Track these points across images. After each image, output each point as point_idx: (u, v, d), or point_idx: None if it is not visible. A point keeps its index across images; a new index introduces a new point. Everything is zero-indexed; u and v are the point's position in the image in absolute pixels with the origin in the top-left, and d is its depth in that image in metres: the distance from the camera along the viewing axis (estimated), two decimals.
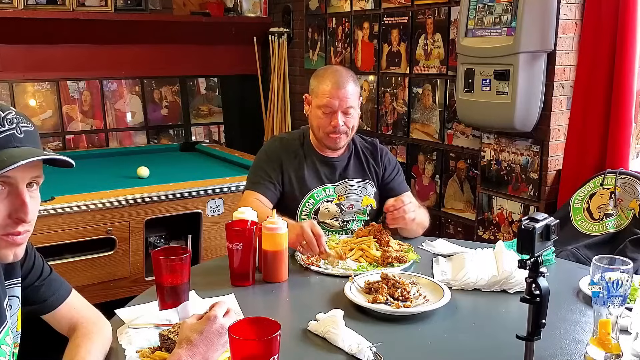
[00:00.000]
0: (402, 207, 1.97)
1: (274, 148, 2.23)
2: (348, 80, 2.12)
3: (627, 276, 1.25)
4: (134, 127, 4.77)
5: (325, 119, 2.12)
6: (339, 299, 1.58)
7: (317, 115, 2.14)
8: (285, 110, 4.86)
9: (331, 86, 2.10)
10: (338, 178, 2.21)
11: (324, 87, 2.11)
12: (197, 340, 1.16)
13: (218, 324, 1.18)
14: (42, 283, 1.32)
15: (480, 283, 1.67)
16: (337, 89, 2.09)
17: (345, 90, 2.10)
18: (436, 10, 3.53)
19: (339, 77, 2.12)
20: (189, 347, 1.15)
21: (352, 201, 2.21)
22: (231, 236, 1.69)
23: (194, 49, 4.90)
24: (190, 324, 1.19)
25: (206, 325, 1.18)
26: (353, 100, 2.13)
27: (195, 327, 1.18)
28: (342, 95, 2.09)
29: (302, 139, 2.25)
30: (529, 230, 1.15)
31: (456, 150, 3.52)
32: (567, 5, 2.86)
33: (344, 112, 2.11)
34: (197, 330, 1.17)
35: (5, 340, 1.18)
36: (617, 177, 2.65)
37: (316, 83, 2.16)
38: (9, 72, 4.27)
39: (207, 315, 1.20)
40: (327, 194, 2.19)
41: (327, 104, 2.10)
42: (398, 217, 1.98)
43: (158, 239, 3.17)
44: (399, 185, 2.28)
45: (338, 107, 2.10)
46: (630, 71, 2.66)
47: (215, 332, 1.18)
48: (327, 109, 2.11)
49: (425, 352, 1.37)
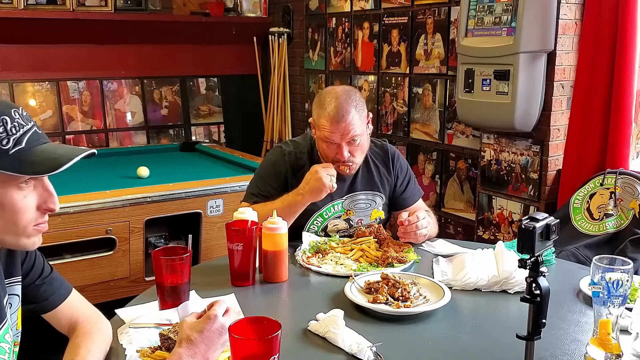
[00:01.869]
0: (415, 224, 1.97)
1: (280, 161, 2.11)
2: (348, 110, 1.95)
3: (627, 276, 1.25)
4: (134, 127, 4.77)
5: (329, 150, 2.01)
6: (339, 299, 1.58)
7: (322, 146, 2.04)
8: (285, 110, 4.86)
9: (330, 120, 1.95)
10: (346, 191, 2.13)
11: (323, 121, 1.97)
12: (197, 340, 1.16)
13: (218, 323, 1.18)
14: (42, 282, 1.32)
15: (480, 283, 1.67)
16: (337, 122, 1.94)
17: (345, 124, 1.94)
18: (436, 10, 3.53)
19: (339, 109, 1.95)
20: (190, 346, 1.15)
21: (361, 216, 2.16)
22: (231, 236, 1.69)
23: (194, 49, 4.91)
24: (190, 323, 1.19)
25: (206, 324, 1.18)
26: (357, 129, 1.97)
27: (196, 326, 1.18)
28: (343, 129, 1.95)
29: (311, 149, 2.13)
30: (529, 229, 1.15)
31: (456, 150, 3.52)
32: (567, 5, 2.86)
33: (348, 143, 1.99)
34: (197, 329, 1.17)
35: (4, 338, 1.18)
36: (617, 177, 2.65)
37: (316, 114, 2.02)
38: (9, 72, 4.27)
39: (207, 314, 1.20)
40: (336, 210, 2.12)
41: (328, 138, 1.98)
42: (410, 232, 1.98)
43: (158, 239, 3.17)
44: (410, 196, 2.22)
45: (340, 140, 1.97)
46: (630, 71, 2.66)
47: (215, 331, 1.18)
48: (330, 142, 1.99)
49: (425, 352, 1.37)
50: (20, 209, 1.07)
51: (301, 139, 2.21)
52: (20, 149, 1.05)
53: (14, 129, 1.05)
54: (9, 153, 1.04)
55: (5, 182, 1.05)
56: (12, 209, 1.07)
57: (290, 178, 2.09)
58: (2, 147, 1.03)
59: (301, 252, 1.92)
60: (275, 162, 2.12)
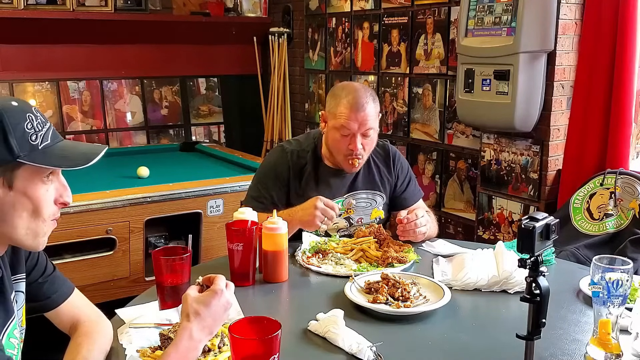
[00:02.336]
0: (414, 222, 1.97)
1: (282, 162, 2.10)
2: (367, 101, 1.98)
3: (627, 276, 1.25)
4: (134, 127, 4.78)
5: (342, 141, 2.00)
6: (339, 299, 1.58)
7: (334, 137, 2.02)
8: (285, 110, 4.86)
9: (350, 108, 1.96)
10: (347, 190, 2.14)
11: (342, 109, 1.97)
12: (205, 313, 1.16)
13: (224, 298, 1.19)
14: (45, 280, 1.33)
15: (480, 283, 1.67)
16: (356, 111, 1.96)
17: (364, 113, 1.96)
18: (436, 10, 3.53)
19: (358, 98, 1.97)
20: (199, 320, 1.16)
21: (361, 215, 2.16)
22: (231, 236, 1.69)
23: (194, 49, 4.91)
24: (196, 297, 1.19)
25: (213, 298, 1.18)
26: (373, 122, 2.00)
27: (202, 299, 1.18)
28: (362, 118, 1.96)
29: (314, 148, 2.13)
30: (529, 229, 1.15)
31: (456, 150, 3.52)
32: (567, 5, 2.86)
33: (363, 134, 1.99)
34: (204, 303, 1.17)
35: (13, 334, 1.20)
36: (617, 177, 2.65)
37: (334, 103, 2.02)
38: (9, 72, 4.27)
39: (213, 289, 1.19)
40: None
41: (345, 126, 1.97)
42: (409, 229, 1.98)
43: (158, 239, 3.17)
44: (411, 195, 2.23)
45: (357, 130, 1.97)
46: (630, 71, 2.66)
47: (221, 305, 1.18)
48: (346, 131, 1.98)
49: (425, 352, 1.37)
50: (44, 201, 1.12)
51: (304, 138, 2.20)
52: (47, 144, 1.11)
53: (39, 125, 1.10)
54: (38, 148, 1.09)
55: (33, 176, 1.09)
56: (38, 202, 1.11)
57: (292, 179, 2.08)
58: (32, 142, 1.08)
59: (301, 252, 1.92)
60: (276, 164, 2.11)
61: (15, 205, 1.09)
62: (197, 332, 1.15)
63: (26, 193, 1.09)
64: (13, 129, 1.06)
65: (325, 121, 2.07)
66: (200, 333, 1.15)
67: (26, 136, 1.07)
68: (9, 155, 1.05)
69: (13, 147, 1.05)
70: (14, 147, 1.05)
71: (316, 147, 2.14)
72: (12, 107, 1.08)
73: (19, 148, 1.06)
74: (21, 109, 1.09)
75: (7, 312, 1.19)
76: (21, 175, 1.08)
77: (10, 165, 1.06)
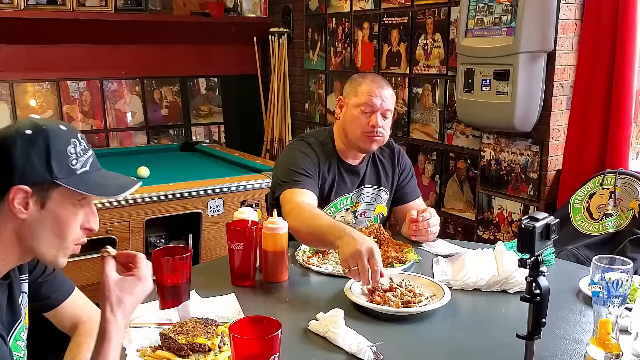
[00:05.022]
0: (427, 221, 2.00)
1: (311, 149, 2.12)
2: (387, 85, 2.12)
3: (627, 276, 1.25)
4: (134, 127, 4.77)
5: (363, 118, 2.05)
6: (339, 299, 1.58)
7: (354, 115, 2.07)
8: (285, 110, 4.86)
9: (373, 86, 2.07)
10: (357, 185, 2.18)
11: (365, 87, 2.07)
12: (128, 301, 1.17)
13: (148, 286, 1.21)
14: (45, 279, 1.33)
15: (480, 283, 1.67)
16: (379, 88, 2.07)
17: (386, 91, 2.08)
18: (436, 10, 3.53)
19: (380, 80, 2.12)
20: (122, 308, 1.16)
21: (365, 209, 2.19)
22: (232, 236, 1.69)
23: (194, 49, 4.91)
24: (117, 281, 1.18)
25: (137, 286, 1.19)
26: (392, 104, 2.10)
27: (126, 287, 1.18)
28: (383, 96, 2.06)
29: (330, 142, 2.17)
30: (529, 229, 1.15)
31: (456, 150, 3.52)
32: (567, 5, 2.86)
33: (382, 113, 2.06)
34: (128, 291, 1.17)
35: (20, 336, 1.21)
36: (616, 177, 2.66)
37: (355, 84, 2.12)
38: (9, 72, 4.27)
39: (138, 276, 1.20)
40: (347, 202, 2.17)
41: (367, 102, 2.04)
42: (422, 229, 2.00)
43: (158, 239, 3.16)
44: (411, 191, 2.26)
45: (379, 107, 2.05)
46: (630, 71, 2.66)
47: (144, 292, 1.20)
48: (368, 107, 2.04)
49: (425, 352, 1.37)
50: (72, 224, 1.15)
51: (316, 133, 2.23)
52: (86, 170, 1.15)
53: (82, 152, 1.15)
54: (76, 173, 1.13)
55: (65, 198, 1.12)
56: (66, 224, 1.14)
57: (321, 163, 2.10)
58: (71, 166, 1.12)
59: (301, 252, 1.92)
60: (304, 152, 2.11)
61: (44, 223, 1.12)
62: (122, 320, 1.16)
63: (56, 214, 1.12)
64: (57, 151, 1.10)
65: (342, 106, 2.14)
66: (125, 319, 1.17)
67: (68, 160, 1.11)
68: (48, 175, 1.09)
69: (53, 168, 1.09)
70: (54, 168, 1.09)
71: (332, 140, 2.17)
72: (59, 131, 1.12)
73: (59, 170, 1.10)
74: (68, 133, 1.14)
75: (15, 315, 1.19)
76: (55, 196, 1.11)
77: (46, 184, 1.10)
